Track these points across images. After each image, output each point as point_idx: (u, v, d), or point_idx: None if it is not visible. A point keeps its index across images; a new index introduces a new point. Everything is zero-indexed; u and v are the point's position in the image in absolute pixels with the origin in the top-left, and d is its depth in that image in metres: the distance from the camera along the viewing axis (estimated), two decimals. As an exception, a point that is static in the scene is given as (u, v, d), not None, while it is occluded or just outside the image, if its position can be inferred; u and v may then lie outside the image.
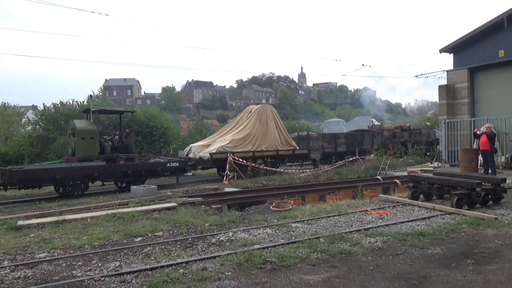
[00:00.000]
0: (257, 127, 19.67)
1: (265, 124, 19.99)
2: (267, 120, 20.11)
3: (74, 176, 13.82)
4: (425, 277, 5.15)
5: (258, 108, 20.50)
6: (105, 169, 14.65)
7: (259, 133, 19.63)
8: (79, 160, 14.49)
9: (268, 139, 19.89)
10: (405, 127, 30.88)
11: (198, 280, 5.15)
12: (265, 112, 20.29)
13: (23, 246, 7.14)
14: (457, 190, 9.56)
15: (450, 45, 20.64)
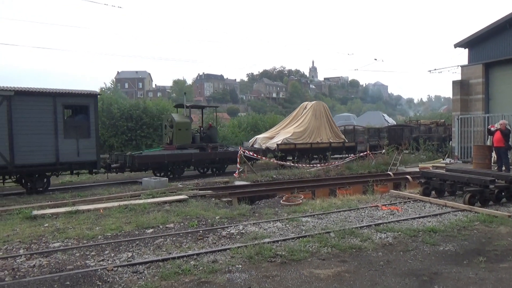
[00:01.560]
0: (313, 121, 21.92)
1: (319, 119, 22.26)
2: (321, 116, 22.43)
3: (177, 161, 16.34)
4: (436, 273, 5.12)
5: (313, 105, 22.79)
6: (198, 156, 17.07)
7: (314, 127, 21.87)
8: (177, 148, 16.86)
9: (322, 132, 22.12)
10: (440, 123, 31.48)
11: (209, 272, 5.21)
12: (319, 108, 22.64)
13: (38, 235, 7.29)
14: (470, 187, 9.46)
15: (465, 40, 20.29)
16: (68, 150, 12.86)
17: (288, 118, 23.78)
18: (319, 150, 21.50)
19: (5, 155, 11.71)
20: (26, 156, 12.08)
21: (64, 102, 12.84)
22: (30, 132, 12.17)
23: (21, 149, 11.98)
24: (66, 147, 12.79)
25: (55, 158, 12.64)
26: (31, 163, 12.29)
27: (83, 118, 13.34)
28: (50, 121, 12.49)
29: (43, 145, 12.38)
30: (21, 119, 12.01)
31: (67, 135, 12.82)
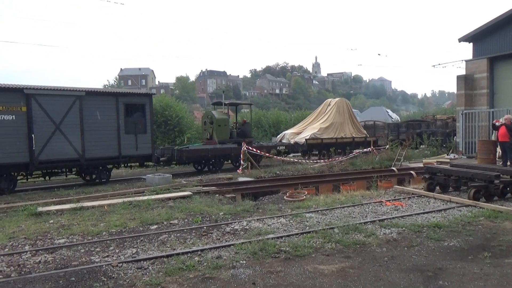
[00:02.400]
0: (337, 117, 23.23)
1: (343, 115, 23.55)
2: (344, 112, 23.71)
3: (218, 155, 17.39)
4: (441, 269, 5.11)
5: (337, 102, 24.01)
6: (237, 151, 17.58)
7: (338, 123, 23.15)
8: (217, 143, 17.98)
9: (345, 128, 23.37)
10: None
11: (213, 268, 5.22)
12: (342, 104, 23.89)
13: (43, 231, 7.33)
14: (475, 182, 9.42)
15: (470, 34, 20.11)
16: (128, 144, 14.18)
17: (312, 114, 25.19)
18: (343, 144, 22.55)
19: (78, 150, 13.04)
20: (94, 150, 13.39)
21: (125, 101, 14.18)
22: (98, 128, 13.46)
23: (90, 144, 13.27)
24: (126, 142, 14.13)
25: (118, 152, 13.96)
26: (99, 156, 13.58)
27: (140, 115, 14.62)
28: (113, 119, 13.80)
29: (108, 140, 13.71)
30: (90, 117, 13.28)
31: (127, 131, 14.14)
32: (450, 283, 4.67)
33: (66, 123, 12.81)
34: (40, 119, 12.32)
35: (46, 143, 12.44)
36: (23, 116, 12.07)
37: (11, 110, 11.87)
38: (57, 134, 12.64)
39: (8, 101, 11.82)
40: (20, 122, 12.02)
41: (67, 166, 13.50)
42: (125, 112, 14.12)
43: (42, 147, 12.36)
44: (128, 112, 14.31)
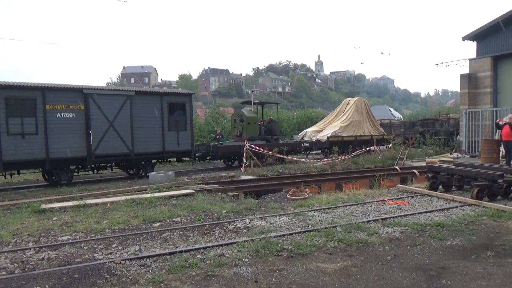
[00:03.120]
0: (356, 116, 24.18)
1: (361, 114, 24.51)
2: (362, 111, 24.70)
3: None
4: (443, 268, 5.10)
5: (355, 101, 25.10)
6: (265, 147, 18.60)
7: (357, 121, 24.13)
8: (248, 140, 18.54)
9: (363, 126, 24.33)
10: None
11: (216, 265, 5.23)
12: (360, 104, 24.93)
13: (47, 228, 7.37)
14: (478, 182, 9.39)
15: (474, 33, 20.02)
16: (171, 140, 15.21)
17: (332, 113, 26.33)
18: (362, 142, 23.23)
19: (128, 145, 14.13)
20: (142, 145, 14.47)
21: (168, 100, 15.22)
22: (145, 125, 14.51)
23: (139, 139, 14.36)
24: (169, 138, 15.15)
25: (162, 148, 15.00)
26: (146, 151, 14.66)
27: (181, 113, 15.61)
28: (158, 116, 14.82)
29: (153, 136, 14.75)
30: (139, 115, 14.36)
31: (170, 128, 15.16)
32: (453, 282, 4.66)
33: (118, 120, 13.89)
34: (96, 117, 13.40)
35: (101, 138, 13.53)
36: (81, 114, 13.14)
37: (71, 108, 12.96)
38: (111, 131, 13.74)
39: (69, 100, 12.92)
40: (79, 119, 13.10)
41: (118, 160, 14.60)
42: (169, 110, 15.13)
43: (98, 143, 13.46)
44: (171, 110, 15.30)
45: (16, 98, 12.03)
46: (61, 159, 12.87)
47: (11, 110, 11.89)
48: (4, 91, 11.82)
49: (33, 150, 12.23)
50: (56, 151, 12.65)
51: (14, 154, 11.93)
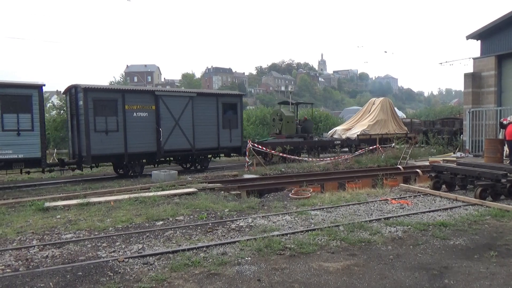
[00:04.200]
0: (382, 115, 25.46)
1: (386, 113, 25.79)
2: (387, 110, 26.00)
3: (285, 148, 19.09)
4: (446, 268, 5.10)
5: (381, 101, 26.44)
6: (303, 144, 20.59)
7: (383, 120, 25.39)
8: (286, 137, 20.43)
9: (388, 124, 25.49)
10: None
11: (219, 264, 5.25)
12: (385, 103, 26.22)
13: (50, 226, 7.41)
14: (481, 181, 9.36)
15: (478, 32, 19.90)
16: (225, 137, 16.78)
17: (359, 113, 27.74)
18: (388, 139, 23.83)
19: (190, 141, 15.71)
20: (201, 142, 16.02)
21: (223, 101, 16.82)
22: (204, 124, 16.09)
23: (199, 136, 15.89)
24: (223, 135, 16.71)
25: (217, 144, 16.54)
26: (204, 147, 16.19)
27: (233, 113, 17.20)
28: (214, 116, 16.42)
29: (211, 133, 16.31)
30: (199, 114, 15.92)
31: (224, 126, 16.74)
32: (455, 281, 4.66)
33: (183, 119, 15.45)
34: (165, 116, 14.97)
35: (169, 135, 15.10)
36: (153, 113, 14.74)
37: (145, 108, 14.57)
38: (177, 128, 15.30)
39: (143, 101, 14.59)
40: (151, 118, 14.69)
41: (182, 155, 16.15)
42: (223, 110, 16.73)
43: (166, 139, 15.02)
44: (225, 110, 16.87)
45: (102, 100, 13.67)
46: (136, 154, 14.53)
47: (98, 110, 13.48)
48: (92, 93, 13.45)
49: (115, 145, 13.87)
50: (133, 146, 14.27)
51: (100, 149, 13.56)
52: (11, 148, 11.97)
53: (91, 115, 13.33)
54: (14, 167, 12.45)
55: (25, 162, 12.45)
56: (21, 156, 12.19)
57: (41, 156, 12.50)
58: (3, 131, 11.82)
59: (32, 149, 12.29)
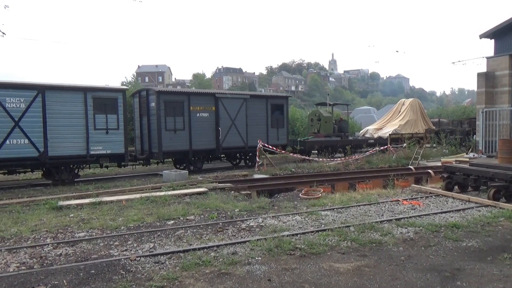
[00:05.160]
0: (412, 115, 26.56)
1: (415, 113, 26.87)
2: (416, 110, 27.09)
3: (327, 145, 21.29)
4: (459, 269, 5.05)
5: (411, 102, 27.83)
6: (340, 142, 22.18)
7: (413, 120, 26.43)
8: (324, 136, 22.12)
9: (418, 124, 26.46)
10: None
11: (229, 263, 5.27)
12: (415, 104, 27.50)
13: (64, 225, 7.53)
14: (495, 182, 9.23)
15: (491, 30, 19.61)
16: (273, 136, 18.29)
17: (389, 113, 29.13)
18: (418, 138, 24.82)
19: (244, 139, 17.25)
20: (253, 140, 17.29)
21: (271, 102, 18.35)
22: (255, 123, 17.62)
23: (251, 135, 17.38)
24: (272, 134, 18.25)
25: (266, 142, 17.73)
26: (255, 145, 17.09)
27: (280, 113, 18.64)
28: (264, 116, 17.98)
29: (261, 132, 17.78)
30: (251, 115, 17.50)
31: (272, 126, 18.23)
32: (468, 284, 4.61)
33: (238, 119, 17.01)
34: (223, 116, 16.53)
35: (226, 134, 16.63)
36: (213, 114, 16.34)
37: (206, 109, 16.16)
38: (233, 128, 16.84)
39: (205, 102, 16.18)
40: (211, 118, 16.29)
41: (236, 152, 17.79)
42: (271, 110, 18.20)
43: (224, 137, 16.57)
44: (273, 110, 18.34)
45: (171, 101, 15.29)
46: (199, 150, 16.07)
47: (168, 111, 15.05)
48: (163, 96, 15.17)
49: (182, 143, 15.49)
50: (196, 144, 15.87)
51: (169, 146, 15.14)
52: (101, 145, 13.47)
53: (162, 116, 14.95)
54: (101, 162, 13.85)
55: (111, 157, 13.92)
56: (109, 152, 13.69)
57: (125, 152, 14.11)
58: (95, 130, 13.29)
59: (117, 146, 13.84)
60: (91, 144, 13.20)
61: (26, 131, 12.06)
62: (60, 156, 12.72)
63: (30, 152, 12.16)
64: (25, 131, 12.04)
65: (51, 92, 12.51)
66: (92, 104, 13.14)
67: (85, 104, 13.03)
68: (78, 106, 12.93)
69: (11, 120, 11.84)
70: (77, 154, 13.01)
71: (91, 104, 13.12)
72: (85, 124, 13.05)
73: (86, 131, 13.09)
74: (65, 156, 12.82)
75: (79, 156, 13.08)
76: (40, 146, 12.31)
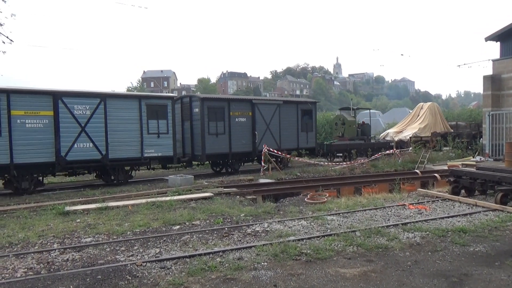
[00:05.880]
0: (430, 119, 27.48)
1: (434, 117, 27.76)
2: (435, 114, 28.02)
3: (352, 148, 21.50)
4: (466, 275, 5.01)
5: (429, 106, 28.73)
6: (364, 145, 22.41)
7: (432, 123, 27.33)
8: (349, 140, 22.70)
9: (437, 127, 27.14)
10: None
11: (235, 269, 5.27)
12: (433, 108, 28.46)
13: (71, 230, 7.57)
14: (502, 186, 9.16)
15: (497, 33, 19.54)
16: (303, 139, 19.17)
17: (408, 117, 30.13)
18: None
19: (278, 143, 18.13)
20: (285, 143, 18.40)
21: (301, 107, 19.22)
22: (287, 127, 18.53)
23: (283, 138, 18.33)
24: (302, 137, 19.12)
25: (297, 145, 18.90)
26: (287, 148, 18.37)
27: (309, 118, 19.56)
28: (295, 120, 18.87)
29: (292, 135, 18.74)
30: (284, 119, 18.37)
31: (302, 129, 19.11)
32: (476, 289, 4.57)
33: (272, 124, 17.93)
34: (259, 121, 17.50)
35: (262, 138, 17.48)
36: (249, 119, 17.29)
37: (244, 114, 17.14)
38: (267, 132, 17.76)
39: (243, 108, 17.13)
40: (248, 123, 17.23)
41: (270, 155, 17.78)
42: (301, 115, 19.09)
43: (260, 140, 17.40)
44: (303, 115, 19.23)
45: (213, 107, 16.25)
46: (237, 153, 16.88)
47: (210, 116, 16.06)
48: (207, 102, 16.13)
49: (223, 146, 16.34)
50: (235, 147, 16.72)
51: (212, 149, 16.07)
52: (153, 148, 14.41)
53: (205, 120, 15.93)
54: (152, 164, 14.78)
55: (160, 159, 14.82)
56: (160, 154, 14.61)
57: (173, 155, 14.97)
58: (148, 134, 14.23)
59: (167, 149, 14.77)
60: (145, 147, 14.21)
61: (91, 135, 13.05)
62: (119, 158, 13.72)
63: (94, 155, 13.15)
64: (90, 136, 13.04)
65: (111, 99, 13.55)
66: (146, 110, 14.19)
67: (140, 111, 14.05)
68: (134, 113, 13.96)
69: (79, 125, 12.83)
70: (133, 157, 14.05)
71: (144, 110, 14.15)
72: (140, 129, 14.06)
73: (141, 135, 14.09)
74: (123, 159, 13.84)
75: (134, 159, 14.13)
76: (103, 149, 13.28)
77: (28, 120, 11.95)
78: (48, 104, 12.28)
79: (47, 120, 12.25)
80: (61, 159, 12.45)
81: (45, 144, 12.23)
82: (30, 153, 11.96)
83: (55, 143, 12.34)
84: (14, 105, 11.68)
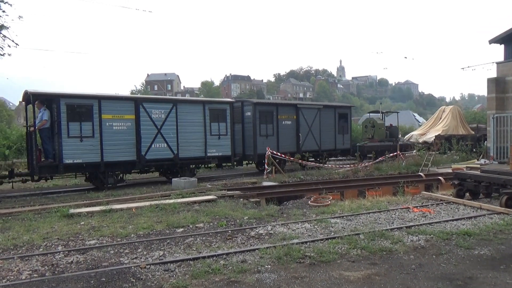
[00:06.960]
0: (452, 121, 28.56)
1: (456, 119, 28.82)
2: (456, 117, 29.05)
3: (381, 150, 22.49)
4: (471, 278, 4.98)
5: (451, 109, 30.07)
6: (391, 147, 23.10)
7: (454, 125, 28.38)
8: (378, 141, 24.36)
9: (459, 129, 28.15)
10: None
11: (238, 272, 5.27)
12: (455, 111, 29.52)
13: (75, 233, 7.59)
14: (507, 189, 9.11)
15: (501, 36, 19.48)
16: (339, 141, 20.76)
17: (430, 120, 31.47)
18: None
19: (318, 144, 19.85)
20: (324, 144, 20.03)
21: (339, 111, 20.85)
22: (326, 130, 20.13)
23: (323, 140, 19.99)
24: (338, 139, 20.68)
25: (334, 146, 20.57)
26: (327, 148, 20.10)
27: (344, 121, 21.11)
28: (333, 123, 20.43)
29: (330, 137, 20.33)
30: (324, 122, 20.00)
31: (339, 132, 20.69)
32: (480, 293, 4.55)
33: (313, 126, 19.55)
34: (302, 124, 19.15)
35: (305, 139, 19.15)
36: (294, 121, 19.01)
37: (289, 117, 18.84)
38: (309, 134, 19.40)
39: (288, 112, 18.94)
40: (293, 125, 18.94)
41: (312, 156, 19.63)
42: (338, 118, 20.62)
43: (303, 142, 19.09)
44: (339, 118, 20.75)
45: (264, 111, 17.99)
46: (284, 153, 17.77)
47: (261, 119, 17.73)
48: (258, 106, 17.91)
49: (271, 147, 17.30)
50: (282, 147, 18.19)
51: (262, 149, 17.21)
52: (215, 148, 15.82)
53: (257, 123, 17.52)
54: (211, 162, 16.12)
55: (220, 158, 16.17)
56: (220, 154, 16.01)
57: (231, 154, 16.40)
58: (211, 135, 15.65)
59: (226, 149, 16.19)
60: (208, 147, 15.58)
61: (165, 137, 14.49)
62: (187, 157, 15.14)
63: (168, 154, 14.59)
64: (164, 137, 14.47)
65: (181, 104, 15.13)
66: (209, 114, 15.62)
67: (204, 114, 15.47)
68: (199, 116, 15.39)
69: (155, 128, 14.28)
70: (198, 156, 15.48)
71: (208, 114, 15.57)
72: (204, 131, 15.46)
73: (205, 136, 15.48)
74: (190, 158, 15.28)
75: (199, 158, 15.56)
76: (174, 149, 14.72)
77: (115, 123, 13.44)
78: (131, 108, 13.82)
79: (130, 123, 13.77)
80: (142, 158, 13.95)
81: (128, 144, 13.74)
82: (117, 152, 13.43)
83: (136, 143, 13.83)
84: (104, 109, 13.13)
